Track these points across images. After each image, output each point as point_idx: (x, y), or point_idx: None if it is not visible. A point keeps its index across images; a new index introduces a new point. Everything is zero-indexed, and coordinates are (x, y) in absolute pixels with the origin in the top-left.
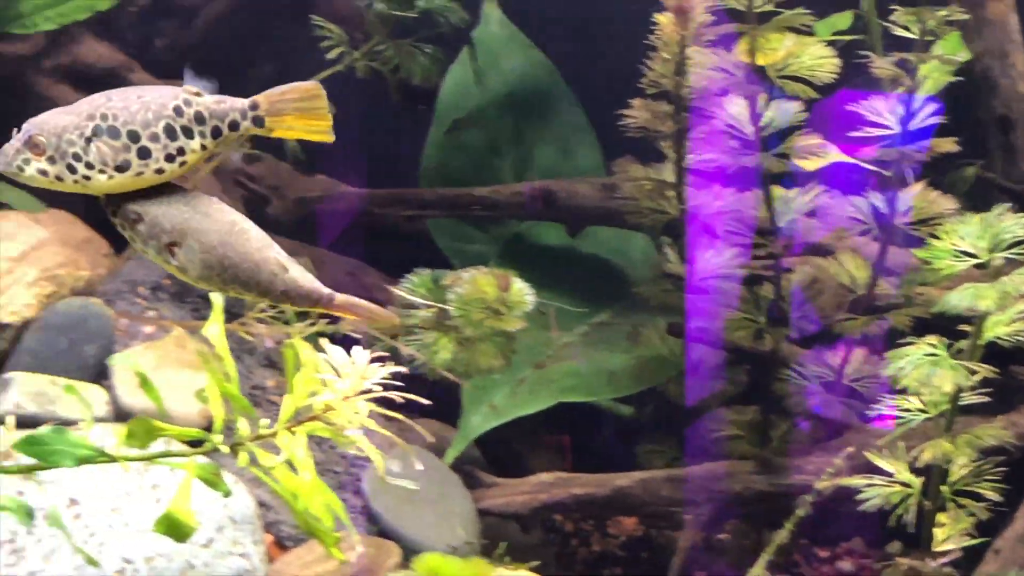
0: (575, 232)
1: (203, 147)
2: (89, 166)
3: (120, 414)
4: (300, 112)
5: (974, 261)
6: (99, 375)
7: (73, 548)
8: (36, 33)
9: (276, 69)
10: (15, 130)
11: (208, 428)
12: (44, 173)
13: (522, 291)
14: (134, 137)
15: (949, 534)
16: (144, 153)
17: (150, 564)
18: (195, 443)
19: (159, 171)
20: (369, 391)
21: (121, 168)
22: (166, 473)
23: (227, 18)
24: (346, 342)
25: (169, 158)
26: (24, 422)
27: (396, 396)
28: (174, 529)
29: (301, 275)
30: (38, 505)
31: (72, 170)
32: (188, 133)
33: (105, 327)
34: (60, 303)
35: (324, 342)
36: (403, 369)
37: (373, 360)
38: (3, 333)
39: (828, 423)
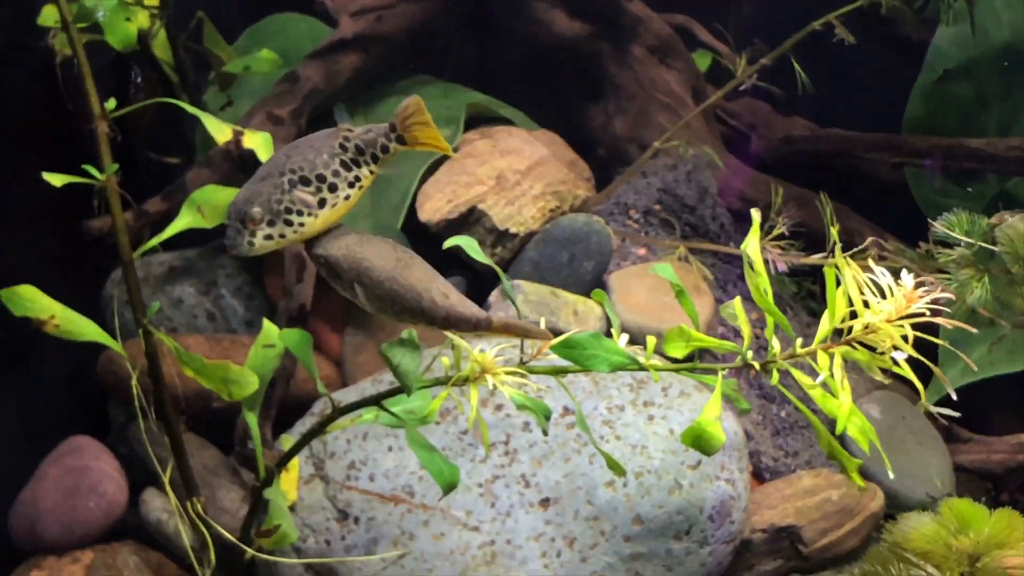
0: None
1: (371, 172)
2: (300, 213)
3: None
4: (417, 124)
5: None
6: (590, 290)
7: (598, 451)
8: None
9: (756, 7)
10: (227, 216)
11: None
12: (270, 237)
13: None
14: (321, 179)
15: None
16: (333, 188)
17: (639, 479)
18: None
19: (347, 197)
20: (919, 315)
21: (322, 204)
22: (658, 392)
23: None
24: None
25: (351, 185)
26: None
27: (944, 323)
28: (703, 441)
29: (460, 302)
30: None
31: (289, 223)
32: (357, 163)
33: (605, 244)
34: (564, 218)
35: (870, 262)
36: (950, 295)
37: (918, 285)
38: (510, 243)
39: None
